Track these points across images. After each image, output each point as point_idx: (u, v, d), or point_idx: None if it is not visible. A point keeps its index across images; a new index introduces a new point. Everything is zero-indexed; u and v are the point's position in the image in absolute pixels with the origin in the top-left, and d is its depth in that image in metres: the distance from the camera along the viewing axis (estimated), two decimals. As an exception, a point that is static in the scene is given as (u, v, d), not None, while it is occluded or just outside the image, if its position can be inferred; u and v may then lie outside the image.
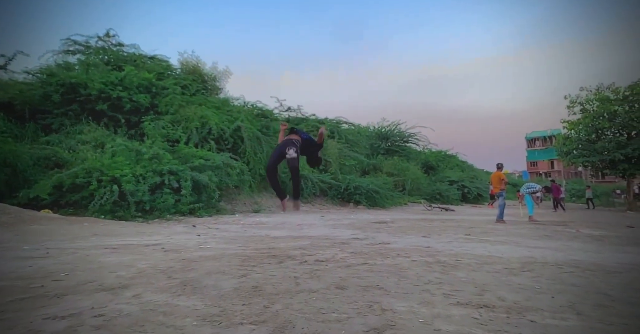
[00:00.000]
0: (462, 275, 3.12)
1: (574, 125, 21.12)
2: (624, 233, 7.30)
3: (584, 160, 20.82)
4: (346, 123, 23.51)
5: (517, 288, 2.68)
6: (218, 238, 5.74)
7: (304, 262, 3.72)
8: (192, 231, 6.70)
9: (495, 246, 5.13)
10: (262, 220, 9.36)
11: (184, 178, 9.78)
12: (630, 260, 4.01)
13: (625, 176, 20.63)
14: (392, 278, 3.04)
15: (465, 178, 26.89)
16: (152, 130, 11.29)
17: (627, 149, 18.80)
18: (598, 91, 20.84)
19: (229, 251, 4.35)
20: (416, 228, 7.46)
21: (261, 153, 13.53)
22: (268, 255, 4.09)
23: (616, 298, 2.43)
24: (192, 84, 16.07)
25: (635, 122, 19.23)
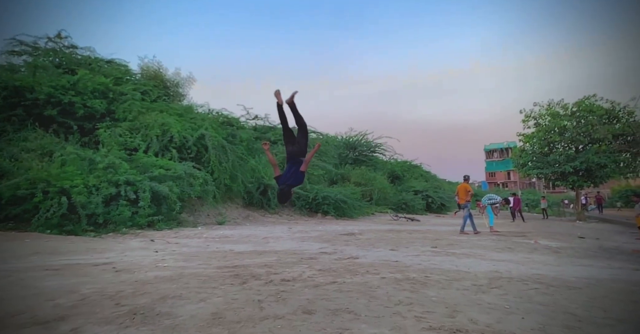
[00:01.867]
0: (433, 294, 3.04)
1: (529, 138, 22.28)
2: (576, 244, 7.65)
3: (538, 171, 21.96)
4: (314, 132, 23.50)
5: (488, 308, 2.63)
6: (177, 255, 5.38)
7: (269, 282, 3.50)
8: (149, 247, 6.26)
9: (461, 259, 5.16)
10: (226, 233, 8.98)
11: (142, 188, 9.24)
12: (586, 274, 4.14)
13: (574, 187, 22.00)
14: (362, 298, 2.90)
15: (429, 188, 27.65)
16: (108, 138, 10.63)
17: (576, 162, 20.06)
18: (549, 106, 22.19)
19: (188, 270, 4.04)
20: (384, 241, 7.43)
21: (226, 163, 13.11)
22: (231, 275, 3.83)
23: (582, 318, 2.43)
24: (153, 90, 15.42)
25: (582, 136, 20.61)
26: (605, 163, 19.66)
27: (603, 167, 19.92)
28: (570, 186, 22.62)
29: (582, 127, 20.60)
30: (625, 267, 4.70)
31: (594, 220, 21.11)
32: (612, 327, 2.25)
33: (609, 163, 19.75)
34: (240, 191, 13.91)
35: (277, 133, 21.11)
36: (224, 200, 13.62)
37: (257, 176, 15.01)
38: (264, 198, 14.77)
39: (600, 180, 21.32)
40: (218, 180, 12.73)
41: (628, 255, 6.08)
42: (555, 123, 21.13)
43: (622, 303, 2.79)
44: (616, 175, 21.02)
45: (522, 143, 23.16)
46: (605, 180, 22.05)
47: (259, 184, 14.83)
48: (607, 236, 10.40)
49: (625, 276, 4.09)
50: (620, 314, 2.53)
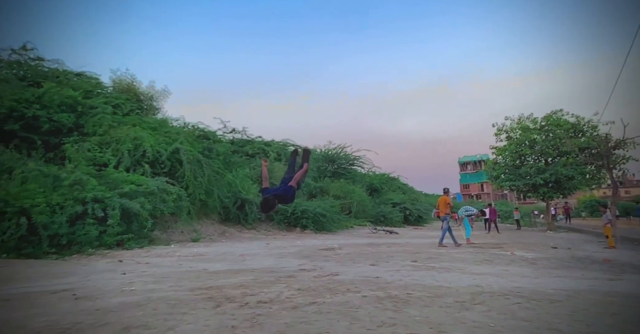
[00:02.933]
0: (416, 313, 2.94)
1: (501, 151, 22.97)
2: (550, 255, 7.80)
3: (510, 184, 22.60)
4: (293, 145, 23.43)
5: (473, 327, 2.55)
6: (146, 276, 5.06)
7: (244, 305, 3.30)
8: (116, 268, 5.88)
9: (441, 274, 5.10)
10: (201, 251, 8.63)
11: (112, 206, 8.79)
12: (564, 286, 4.16)
13: (545, 198, 22.76)
14: (343, 320, 2.76)
15: (407, 201, 27.91)
16: (75, 153, 10.14)
17: (546, 174, 20.80)
18: (520, 121, 23.06)
19: (156, 294, 3.77)
20: (364, 255, 7.31)
21: (202, 177, 12.76)
22: (203, 297, 3.60)
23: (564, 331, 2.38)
24: (126, 103, 14.98)
25: (551, 149, 21.47)
26: (573, 175, 20.50)
27: (571, 179, 20.74)
28: (540, 198, 23.37)
29: (551, 140, 21.47)
30: (599, 277, 4.77)
31: (563, 229, 21.83)
32: (596, 343, 2.21)
33: (576, 175, 20.60)
34: (216, 206, 13.54)
35: (255, 147, 20.91)
36: (199, 216, 13.20)
37: (234, 191, 14.69)
38: (241, 213, 14.42)
39: (568, 191, 22.16)
40: (193, 196, 12.35)
41: (600, 264, 6.22)
42: (526, 137, 21.94)
43: (603, 317, 2.78)
44: (583, 186, 21.92)
45: (495, 156, 23.86)
46: (573, 191, 22.93)
47: (235, 199, 14.49)
48: (577, 246, 10.70)
49: (600, 286, 4.14)
50: (602, 328, 2.51)
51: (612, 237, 10.36)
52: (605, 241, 11.19)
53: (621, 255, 7.89)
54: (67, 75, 14.19)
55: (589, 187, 22.61)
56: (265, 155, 20.25)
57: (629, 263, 6.29)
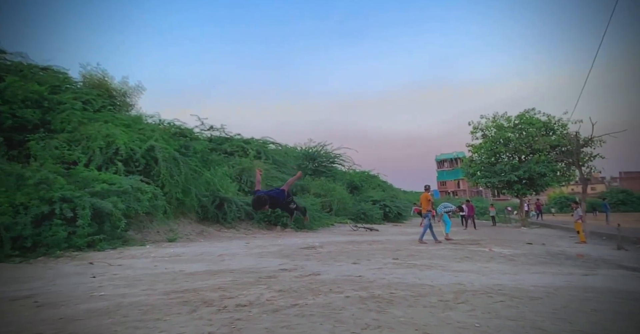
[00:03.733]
0: (400, 313, 2.87)
1: (477, 149, 23.48)
2: (527, 250, 7.98)
3: (486, 181, 23.15)
4: (273, 143, 23.15)
5: (458, 327, 2.50)
6: (118, 280, 4.80)
7: (222, 309, 3.15)
8: (85, 271, 5.57)
9: (423, 271, 5.09)
10: (178, 251, 8.35)
11: (81, 205, 8.38)
12: (543, 282, 4.21)
13: (519, 195, 23.45)
14: (326, 323, 2.66)
15: (386, 198, 28.19)
16: (41, 151, 9.60)
17: (520, 171, 21.41)
18: (494, 119, 23.61)
19: (128, 299, 3.56)
20: (345, 253, 7.25)
21: (178, 176, 12.38)
22: (178, 302, 3.42)
23: (550, 331, 2.37)
24: (97, 99, 14.35)
25: (524, 147, 22.12)
26: (545, 172, 21.19)
27: (543, 176, 21.43)
28: (515, 194, 24.06)
29: (524, 138, 22.10)
30: (574, 273, 4.88)
31: (536, 225, 22.53)
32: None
33: (548, 172, 21.31)
34: (193, 205, 13.19)
35: (234, 144, 20.51)
36: (176, 215, 12.83)
37: (212, 189, 14.35)
38: (219, 212, 14.11)
39: (541, 187, 22.92)
40: (169, 194, 11.98)
41: (574, 259, 6.39)
42: (500, 135, 22.48)
43: (583, 313, 2.79)
44: (554, 183, 22.71)
45: (471, 154, 24.35)
46: (545, 187, 23.73)
47: (214, 197, 14.17)
48: (550, 241, 11.03)
49: (577, 282, 4.21)
50: (583, 325, 2.51)
51: (582, 233, 10.73)
52: (576, 236, 11.59)
53: (592, 250, 8.16)
54: (32, 69, 13.46)
55: (560, 184, 23.46)
56: (245, 153, 19.90)
57: (601, 258, 6.50)
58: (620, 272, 4.88)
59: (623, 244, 8.62)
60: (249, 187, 16.85)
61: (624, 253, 7.59)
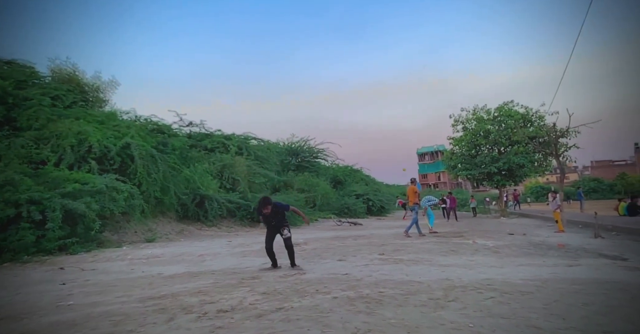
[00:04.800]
0: (390, 315, 2.75)
1: (458, 141, 23.76)
2: (509, 241, 8.06)
3: (467, 173, 23.49)
4: (255, 139, 22.75)
5: (452, 329, 2.39)
6: (90, 286, 4.52)
7: (202, 316, 2.95)
8: (55, 278, 5.24)
9: (410, 267, 5.02)
10: (156, 252, 8.03)
11: (51, 207, 7.95)
12: (530, 275, 4.19)
13: (498, 186, 23.92)
14: (313, 328, 2.51)
15: (369, 192, 28.26)
16: (6, 150, 9.07)
17: (499, 163, 21.79)
18: (475, 112, 23.91)
19: (99, 309, 3.31)
20: (331, 250, 7.13)
21: (156, 174, 11.95)
22: (155, 309, 3.20)
23: (547, 330, 2.29)
24: (67, 95, 13.70)
25: (504, 139, 22.51)
26: (524, 163, 21.65)
27: (522, 167, 21.89)
28: (494, 185, 24.55)
29: (503, 130, 22.48)
30: (559, 263, 4.90)
31: (514, 215, 23.00)
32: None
33: (526, 163, 21.78)
34: (173, 204, 12.79)
35: (215, 141, 20.03)
36: (154, 214, 12.42)
37: (192, 187, 13.96)
38: (200, 210, 13.75)
39: (519, 178, 23.42)
40: (147, 193, 11.57)
41: (556, 249, 6.47)
42: (480, 127, 22.77)
43: (575, 308, 2.74)
44: (532, 173, 23.26)
45: (452, 146, 24.61)
46: (524, 178, 24.28)
47: (194, 195, 13.79)
48: (530, 231, 11.22)
49: (563, 273, 4.22)
50: (578, 322, 2.45)
51: (561, 222, 10.97)
52: (554, 225, 11.86)
53: (571, 239, 8.32)
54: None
55: (538, 174, 24.04)
56: (226, 149, 19.45)
57: (581, 247, 6.60)
58: (602, 261, 4.93)
59: (600, 232, 8.83)
60: (230, 184, 16.50)
61: (602, 241, 7.76)
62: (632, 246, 6.75)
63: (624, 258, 5.19)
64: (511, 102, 23.25)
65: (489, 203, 36.56)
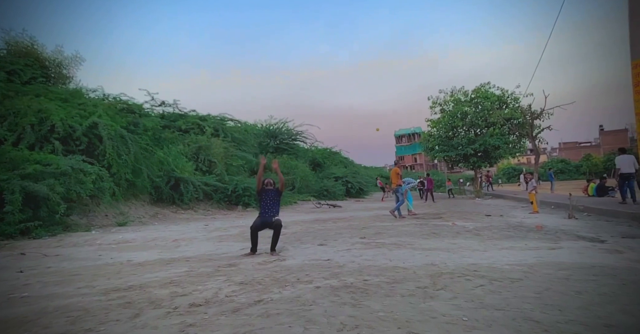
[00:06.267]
0: (377, 307, 2.57)
1: (436, 123, 23.84)
2: (487, 223, 8.10)
3: (444, 154, 23.73)
4: (232, 120, 22.05)
5: (445, 323, 2.23)
6: (50, 275, 4.15)
7: (172, 311, 2.69)
8: (13, 264, 4.83)
9: (393, 251, 4.89)
10: (127, 237, 7.63)
11: (10, 189, 7.40)
12: (515, 259, 4.13)
13: (474, 168, 24.36)
14: (295, 325, 2.29)
15: (348, 174, 28.28)
16: (-45, 127, 8.28)
17: (476, 144, 22.07)
18: (452, 93, 23.95)
19: (56, 302, 2.99)
20: (311, 234, 6.95)
21: (127, 155, 11.34)
22: (119, 303, 2.91)
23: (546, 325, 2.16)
24: (25, 70, 12.71)
25: (480, 120, 22.74)
26: (499, 145, 22.03)
27: (497, 148, 22.28)
28: (470, 167, 25.00)
29: (480, 112, 22.69)
30: (540, 246, 4.89)
31: (488, 196, 23.52)
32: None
33: (502, 145, 22.18)
34: (146, 186, 12.26)
35: (189, 121, 19.24)
36: (126, 197, 11.87)
37: (166, 169, 13.41)
38: (175, 193, 13.28)
39: (495, 160, 23.90)
40: (117, 175, 11.01)
41: (535, 231, 6.52)
42: (458, 109, 22.89)
43: (569, 297, 2.65)
44: (507, 155, 23.76)
45: (430, 128, 24.66)
46: (499, 160, 24.80)
47: (168, 178, 13.27)
48: (506, 212, 11.41)
49: (547, 257, 4.18)
50: (575, 313, 2.34)
51: (536, 203, 11.20)
52: (528, 206, 12.13)
53: (547, 220, 8.46)
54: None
55: (512, 156, 24.59)
56: (201, 131, 18.73)
57: (558, 229, 6.68)
58: (581, 244, 4.96)
59: (573, 213, 9.05)
60: (206, 167, 15.98)
61: (576, 222, 7.92)
62: (605, 227, 6.90)
63: (602, 240, 5.25)
64: (488, 84, 23.38)
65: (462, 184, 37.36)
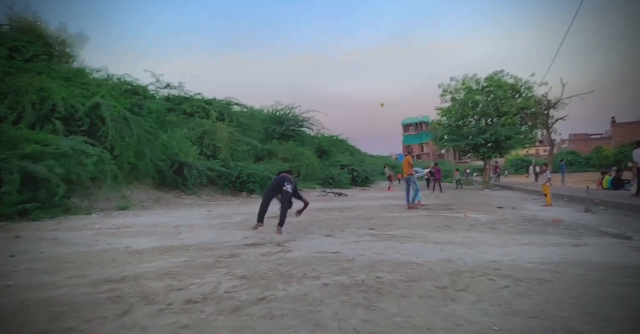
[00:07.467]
0: (393, 310, 2.29)
1: (446, 112, 23.22)
2: (501, 216, 7.78)
3: (453, 144, 23.19)
4: (238, 104, 21.64)
5: (473, 332, 1.94)
6: (42, 261, 3.93)
7: (166, 308, 2.43)
8: (5, 248, 4.62)
9: (404, 244, 4.61)
10: (128, 222, 7.43)
11: (8, 169, 7.21)
12: (537, 257, 3.82)
13: (484, 158, 23.81)
14: (302, 330, 2.03)
15: (354, 162, 27.90)
16: (-49, 104, 8.05)
17: (486, 134, 21.46)
18: (464, 81, 23.21)
19: (40, 293, 2.75)
20: (317, 224, 6.68)
21: (130, 137, 11.10)
22: (109, 297, 2.66)
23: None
24: (27, 47, 12.41)
25: (492, 110, 22.09)
26: (511, 135, 21.42)
27: (508, 139, 21.66)
28: (480, 157, 24.46)
29: (492, 101, 22.00)
30: (562, 243, 4.58)
31: (497, 187, 23.07)
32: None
33: (513, 135, 21.57)
34: (149, 170, 12.05)
35: (194, 105, 18.90)
36: (129, 180, 11.68)
37: (170, 153, 13.17)
38: (179, 178, 13.06)
39: (506, 150, 23.32)
40: (120, 158, 10.80)
41: (553, 225, 6.20)
42: (469, 98, 22.23)
43: (610, 304, 2.35)
44: (518, 145, 23.16)
45: (440, 117, 24.04)
46: (510, 150, 24.20)
47: (172, 162, 13.03)
48: (518, 204, 11.06)
49: (572, 255, 3.87)
50: (624, 326, 2.04)
51: (549, 196, 10.82)
52: (540, 198, 11.76)
53: (562, 214, 8.12)
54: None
55: (524, 146, 23.96)
56: (207, 114, 18.40)
57: (577, 223, 6.35)
58: (607, 240, 4.64)
59: (590, 206, 8.69)
60: (211, 151, 15.72)
61: (594, 216, 7.59)
62: (626, 221, 6.56)
63: (627, 236, 4.92)
64: (501, 72, 22.63)
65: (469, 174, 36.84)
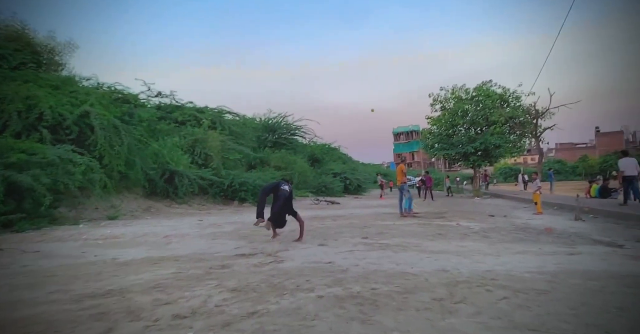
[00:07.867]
0: (391, 324, 2.22)
1: (436, 121, 23.48)
2: (493, 224, 7.78)
3: (444, 152, 23.40)
4: (230, 113, 21.61)
5: (474, 347, 1.88)
6: (23, 275, 3.77)
7: (152, 324, 2.32)
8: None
9: (398, 254, 4.54)
10: (116, 232, 7.25)
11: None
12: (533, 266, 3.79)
13: (474, 166, 24.03)
14: (294, 347, 1.94)
15: (347, 170, 27.94)
16: None
17: (476, 143, 21.72)
18: (454, 91, 23.57)
19: (17, 312, 2.61)
20: (310, 232, 6.58)
21: (120, 146, 10.93)
22: (92, 314, 2.54)
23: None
24: (14, 55, 12.26)
25: (481, 119, 22.41)
26: (500, 144, 21.70)
27: (497, 147, 21.94)
28: (470, 165, 24.66)
29: (481, 110, 22.33)
30: (557, 251, 4.56)
31: (487, 195, 23.24)
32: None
33: (502, 144, 21.86)
34: (139, 179, 11.86)
35: (186, 113, 18.79)
36: (118, 190, 11.46)
37: (161, 162, 13.00)
38: (169, 187, 12.88)
39: (495, 159, 23.59)
40: (109, 167, 10.62)
41: (546, 234, 6.20)
42: (459, 107, 22.53)
43: (611, 316, 2.31)
44: (507, 154, 23.44)
45: (430, 126, 24.28)
46: (499, 159, 24.46)
47: (163, 170, 12.86)
48: (509, 212, 11.10)
49: (567, 264, 3.85)
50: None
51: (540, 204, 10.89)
52: (530, 206, 11.82)
53: (553, 222, 8.15)
54: None
55: (512, 155, 24.26)
56: (198, 123, 18.30)
57: (569, 232, 6.37)
58: (601, 249, 4.64)
59: (580, 214, 8.75)
60: (202, 160, 15.58)
61: (585, 225, 7.62)
62: (616, 230, 6.59)
63: (620, 245, 4.93)
64: (489, 82, 23.07)
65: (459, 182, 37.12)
